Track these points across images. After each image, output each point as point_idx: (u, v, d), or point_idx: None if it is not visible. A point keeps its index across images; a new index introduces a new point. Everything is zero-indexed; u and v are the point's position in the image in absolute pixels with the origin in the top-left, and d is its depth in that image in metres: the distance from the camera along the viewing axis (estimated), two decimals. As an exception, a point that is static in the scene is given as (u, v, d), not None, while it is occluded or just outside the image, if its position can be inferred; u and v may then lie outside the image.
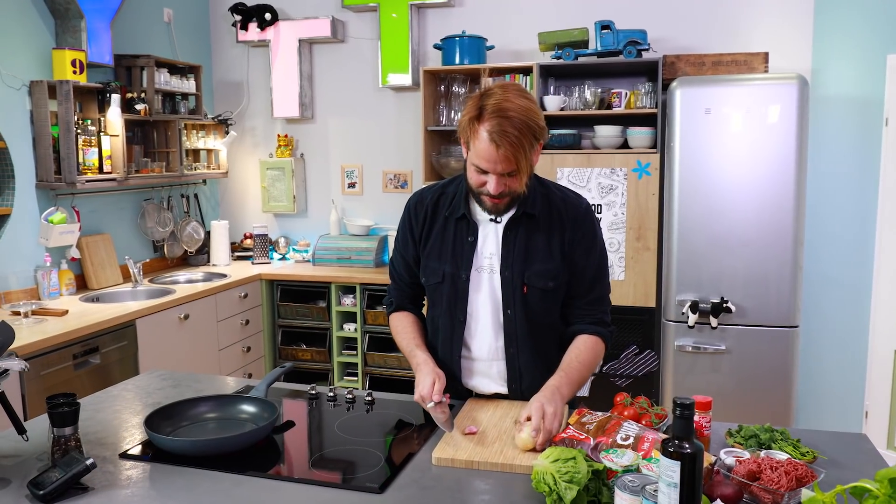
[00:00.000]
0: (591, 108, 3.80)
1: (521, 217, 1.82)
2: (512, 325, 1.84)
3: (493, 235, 1.84)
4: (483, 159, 1.66)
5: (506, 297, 1.83)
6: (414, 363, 1.83)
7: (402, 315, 2.01)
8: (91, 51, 3.67)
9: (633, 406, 1.67)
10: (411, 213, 1.94)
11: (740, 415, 3.39)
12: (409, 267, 1.97)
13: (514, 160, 1.63)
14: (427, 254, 1.91)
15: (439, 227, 1.89)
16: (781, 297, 3.34)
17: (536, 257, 1.81)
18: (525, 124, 1.62)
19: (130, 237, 4.19)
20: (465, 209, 1.85)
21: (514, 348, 1.85)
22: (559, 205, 1.84)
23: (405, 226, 1.95)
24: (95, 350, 3.06)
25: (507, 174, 1.67)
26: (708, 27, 3.97)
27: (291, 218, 4.92)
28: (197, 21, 4.79)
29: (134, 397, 1.99)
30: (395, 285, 2.03)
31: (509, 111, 1.62)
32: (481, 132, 1.64)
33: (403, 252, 1.97)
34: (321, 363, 4.36)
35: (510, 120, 1.61)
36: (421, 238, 1.92)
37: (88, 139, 3.57)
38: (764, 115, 3.26)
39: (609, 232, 3.71)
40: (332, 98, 4.74)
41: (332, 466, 1.54)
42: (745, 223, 3.34)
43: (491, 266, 1.84)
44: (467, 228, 1.85)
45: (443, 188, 1.93)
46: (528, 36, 4.12)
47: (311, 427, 1.79)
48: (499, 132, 1.61)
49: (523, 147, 1.63)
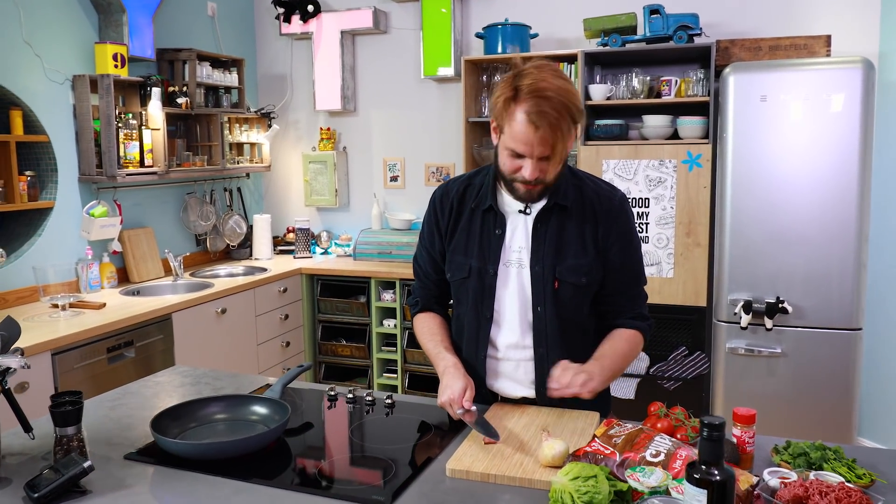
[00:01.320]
0: (639, 97, 3.63)
1: (553, 208, 1.71)
2: (542, 322, 1.73)
3: (523, 228, 1.73)
4: (520, 142, 1.56)
5: (536, 294, 1.72)
6: (441, 366, 1.71)
7: (427, 316, 1.91)
8: (133, 45, 3.68)
9: (667, 417, 1.53)
10: (436, 205, 1.84)
11: (796, 425, 3.19)
12: (435, 263, 1.86)
13: (551, 143, 1.55)
14: (453, 248, 1.81)
15: (465, 219, 1.79)
16: (843, 298, 3.12)
17: (569, 251, 1.70)
18: (564, 105, 1.53)
19: (173, 231, 4.20)
20: (493, 200, 1.74)
21: (543, 348, 1.74)
22: (592, 197, 1.73)
23: (431, 219, 1.85)
24: (130, 343, 3.06)
25: (544, 158, 1.58)
26: (764, 10, 3.75)
27: (334, 212, 4.87)
28: (241, 15, 4.78)
29: (152, 395, 1.95)
30: (420, 283, 1.93)
31: (547, 91, 1.52)
32: (517, 113, 1.54)
33: (429, 247, 1.87)
34: (361, 359, 4.30)
35: (549, 100, 1.52)
36: (447, 232, 1.82)
37: (129, 133, 3.58)
38: (825, 102, 3.04)
39: (657, 227, 3.53)
40: (375, 90, 4.67)
41: (339, 475, 1.46)
42: (803, 217, 3.13)
43: (520, 260, 1.73)
44: (495, 220, 1.75)
45: (469, 179, 1.83)
46: (574, 22, 3.97)
47: (326, 431, 1.71)
48: (537, 113, 1.52)
49: (561, 129, 1.54)
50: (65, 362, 2.74)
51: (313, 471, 1.46)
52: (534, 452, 1.47)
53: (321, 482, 1.41)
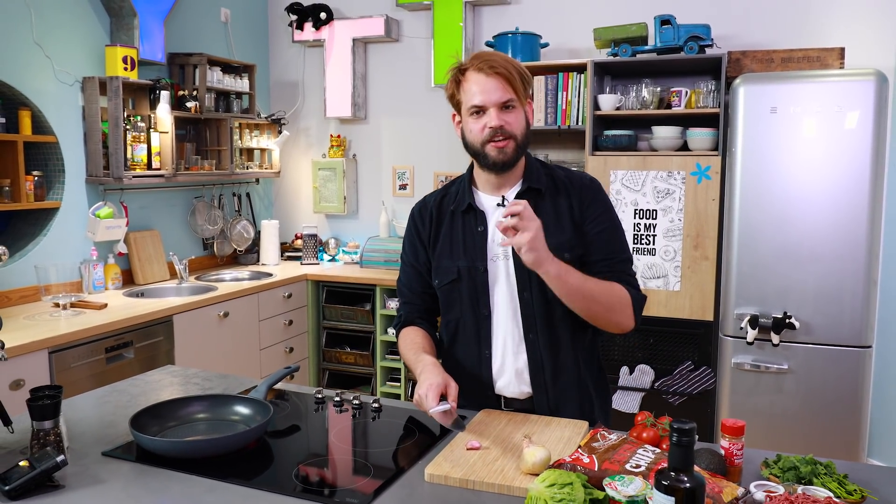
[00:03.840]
0: (649, 108, 3.59)
1: (526, 193, 1.72)
2: (529, 308, 1.72)
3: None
4: (477, 92, 1.63)
5: (521, 281, 1.71)
6: (419, 367, 1.66)
7: (410, 329, 1.86)
8: (143, 48, 3.71)
9: (654, 427, 1.49)
10: (416, 219, 1.86)
11: (802, 443, 3.11)
12: (420, 276, 1.85)
13: (509, 87, 1.62)
14: (438, 254, 1.80)
15: (447, 224, 1.80)
16: (853, 315, 3.05)
17: (547, 231, 1.66)
18: (509, 61, 1.65)
19: (180, 234, 4.21)
20: (471, 198, 1.76)
21: (533, 333, 1.73)
22: (564, 180, 1.77)
23: (412, 233, 1.86)
24: (130, 344, 3.05)
25: (505, 106, 1.63)
26: (777, 22, 3.70)
27: (342, 219, 4.87)
28: (254, 21, 4.81)
29: (139, 393, 1.93)
30: (404, 300, 1.90)
31: (489, 52, 1.68)
32: (469, 73, 1.65)
33: (413, 262, 1.86)
34: (365, 367, 4.28)
35: (493, 57, 1.65)
36: (430, 241, 1.82)
37: (137, 135, 3.60)
38: (836, 115, 2.99)
39: (664, 239, 3.49)
40: (385, 98, 4.67)
41: (317, 478, 1.43)
42: (812, 232, 3.07)
43: (505, 252, 1.73)
44: (475, 219, 1.76)
45: (444, 189, 1.87)
46: (584, 33, 3.95)
47: (310, 433, 1.68)
48: (485, 63, 1.63)
49: (513, 77, 1.63)
50: (62, 361, 2.74)
51: (291, 472, 1.44)
52: (515, 460, 1.44)
53: (297, 484, 1.38)
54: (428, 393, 1.53)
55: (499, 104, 1.63)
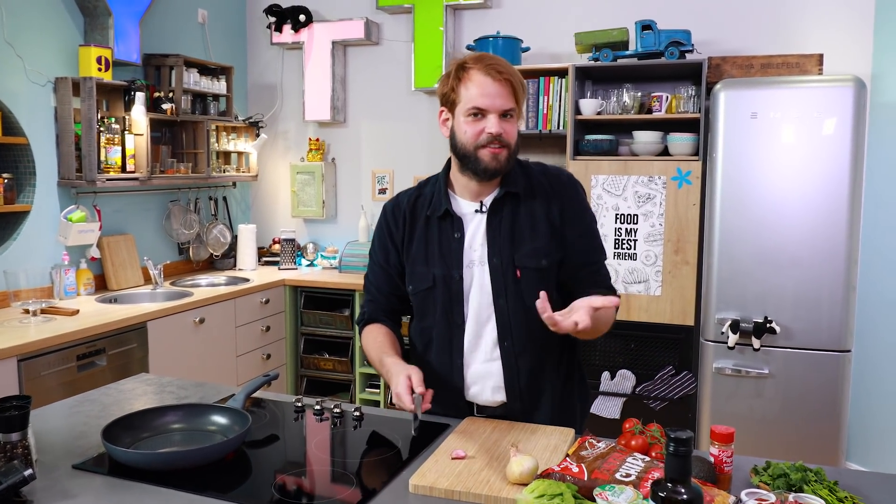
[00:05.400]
0: (630, 113, 3.59)
1: (505, 198, 1.69)
2: (504, 316, 1.68)
3: (481, 227, 1.70)
4: (481, 95, 1.58)
5: (496, 287, 1.68)
6: (385, 370, 1.64)
7: (374, 326, 1.81)
8: (118, 49, 3.63)
9: (642, 434, 1.46)
10: (389, 218, 1.80)
11: (782, 447, 3.12)
12: (389, 277, 1.81)
13: (512, 96, 1.59)
14: (412, 260, 1.76)
15: (421, 229, 1.75)
16: (832, 319, 3.06)
17: (524, 237, 1.67)
18: (512, 70, 1.61)
19: (155, 238, 4.13)
20: (448, 204, 1.71)
21: (508, 341, 1.69)
22: (540, 178, 1.73)
23: (383, 232, 1.81)
24: (102, 351, 2.98)
25: (506, 114, 1.59)
26: (757, 28, 3.72)
27: (321, 223, 4.81)
28: (232, 23, 4.75)
29: (112, 402, 1.87)
30: (369, 297, 1.85)
31: (494, 57, 1.62)
32: (473, 73, 1.59)
33: (383, 262, 1.81)
34: (343, 373, 4.22)
35: (499, 62, 1.60)
36: (403, 243, 1.77)
37: (112, 137, 3.52)
38: (816, 121, 3.00)
39: (645, 244, 3.48)
40: (365, 101, 4.63)
41: (297, 491, 1.38)
42: (792, 237, 3.08)
43: (480, 258, 1.69)
44: (452, 225, 1.71)
45: (418, 190, 1.81)
46: (566, 37, 3.94)
47: (290, 443, 1.63)
48: (494, 67, 1.58)
49: (517, 87, 1.60)
50: (31, 369, 2.66)
51: (270, 484, 1.39)
52: (502, 469, 1.40)
53: (277, 496, 1.33)
54: (402, 394, 1.51)
55: (501, 111, 1.58)
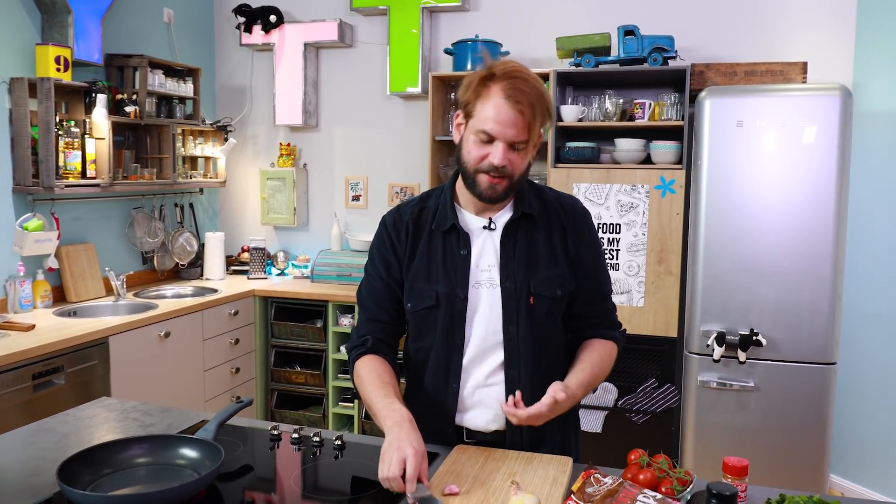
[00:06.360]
0: (612, 120, 3.51)
1: (520, 219, 1.59)
2: (514, 343, 1.58)
3: (490, 245, 1.60)
4: (494, 121, 1.45)
5: (507, 313, 1.57)
6: (390, 422, 1.41)
7: (376, 360, 1.60)
8: (78, 48, 3.45)
9: (650, 467, 1.36)
10: (389, 230, 1.66)
11: (767, 461, 3.05)
12: (391, 290, 1.65)
13: (527, 126, 1.46)
14: (412, 276, 1.63)
15: (424, 243, 1.63)
16: (818, 331, 3.01)
17: (541, 263, 1.58)
18: (540, 93, 1.47)
19: (117, 248, 3.94)
20: (454, 218, 1.59)
21: (514, 369, 1.58)
22: (555, 205, 1.64)
23: (384, 245, 1.66)
24: (60, 370, 2.80)
25: (515, 146, 1.48)
26: (740, 36, 3.68)
27: (292, 231, 4.66)
28: (199, 23, 4.58)
29: (70, 432, 1.71)
30: (369, 316, 1.67)
31: (524, 73, 1.48)
32: (494, 91, 1.46)
33: (385, 275, 1.65)
34: (316, 387, 4.07)
35: (526, 82, 1.46)
36: (404, 258, 1.64)
37: (71, 141, 3.34)
38: (802, 130, 2.95)
39: (628, 254, 3.40)
40: (338, 105, 4.50)
41: (276, 534, 1.25)
42: (778, 248, 3.02)
43: (490, 279, 1.58)
44: (458, 240, 1.60)
45: (421, 202, 1.68)
46: (546, 41, 3.86)
47: (266, 477, 1.50)
48: (515, 90, 1.44)
49: (536, 115, 1.46)
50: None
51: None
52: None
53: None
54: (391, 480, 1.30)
55: (510, 142, 1.47)
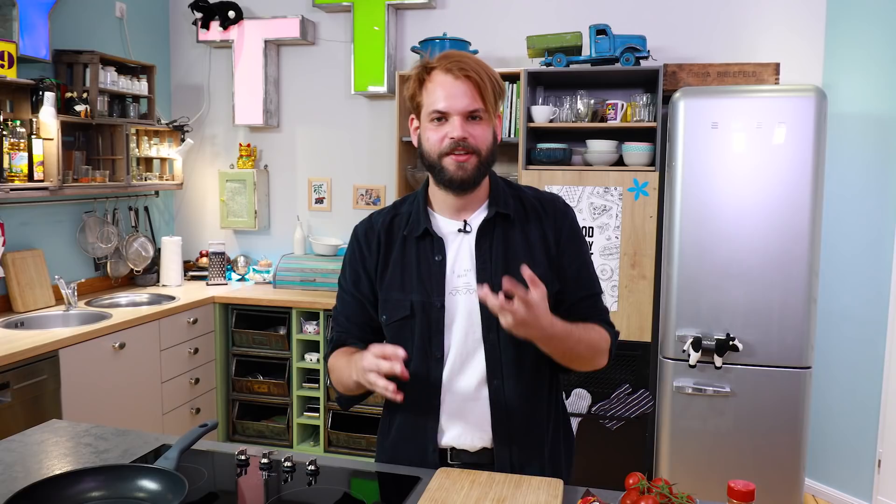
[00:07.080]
0: (584, 121, 3.44)
1: (495, 219, 1.51)
2: (495, 351, 1.49)
3: (466, 248, 1.51)
4: (441, 97, 1.42)
5: (486, 319, 1.48)
6: (357, 366, 1.39)
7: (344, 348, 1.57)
8: (24, 43, 3.26)
9: (650, 492, 1.28)
10: (360, 241, 1.58)
11: (743, 465, 3.02)
12: (362, 307, 1.58)
13: (477, 94, 1.41)
14: (386, 286, 1.54)
15: (397, 251, 1.54)
16: (793, 335, 2.98)
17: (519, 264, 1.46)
18: (482, 66, 1.44)
19: (67, 254, 3.74)
20: (427, 223, 1.51)
21: (498, 379, 1.49)
22: (534, 203, 1.56)
23: (354, 257, 1.59)
24: (6, 386, 2.61)
25: (471, 116, 1.42)
26: (711, 36, 3.65)
27: (253, 235, 4.50)
28: (154, 18, 4.39)
29: (15, 461, 1.56)
30: (339, 329, 1.62)
31: (461, 54, 1.46)
32: (435, 73, 1.44)
33: (354, 291, 1.58)
34: (279, 396, 3.93)
35: (465, 58, 1.44)
36: (377, 268, 1.55)
37: (16, 142, 3.14)
38: (777, 131, 2.92)
39: (601, 257, 3.34)
40: (300, 105, 4.35)
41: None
42: (753, 251, 2.99)
43: (468, 285, 1.49)
44: (432, 246, 1.51)
45: (394, 209, 1.60)
46: (517, 41, 3.78)
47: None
48: (457, 64, 1.42)
49: (485, 85, 1.42)
50: (-82, 411, 2.29)
51: (214, 572, 1.14)
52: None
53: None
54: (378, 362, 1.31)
55: (464, 113, 1.41)
